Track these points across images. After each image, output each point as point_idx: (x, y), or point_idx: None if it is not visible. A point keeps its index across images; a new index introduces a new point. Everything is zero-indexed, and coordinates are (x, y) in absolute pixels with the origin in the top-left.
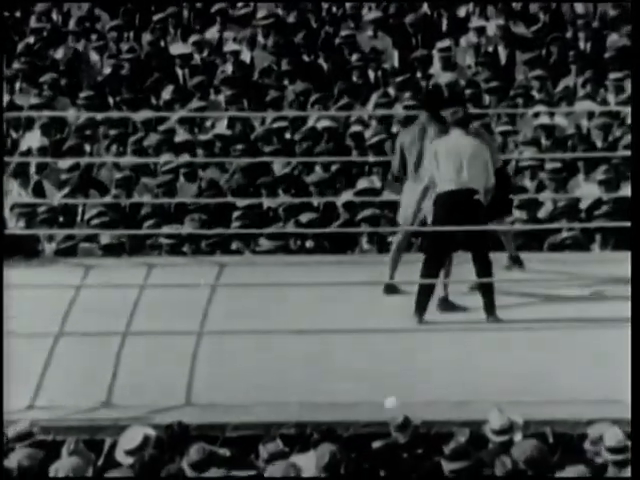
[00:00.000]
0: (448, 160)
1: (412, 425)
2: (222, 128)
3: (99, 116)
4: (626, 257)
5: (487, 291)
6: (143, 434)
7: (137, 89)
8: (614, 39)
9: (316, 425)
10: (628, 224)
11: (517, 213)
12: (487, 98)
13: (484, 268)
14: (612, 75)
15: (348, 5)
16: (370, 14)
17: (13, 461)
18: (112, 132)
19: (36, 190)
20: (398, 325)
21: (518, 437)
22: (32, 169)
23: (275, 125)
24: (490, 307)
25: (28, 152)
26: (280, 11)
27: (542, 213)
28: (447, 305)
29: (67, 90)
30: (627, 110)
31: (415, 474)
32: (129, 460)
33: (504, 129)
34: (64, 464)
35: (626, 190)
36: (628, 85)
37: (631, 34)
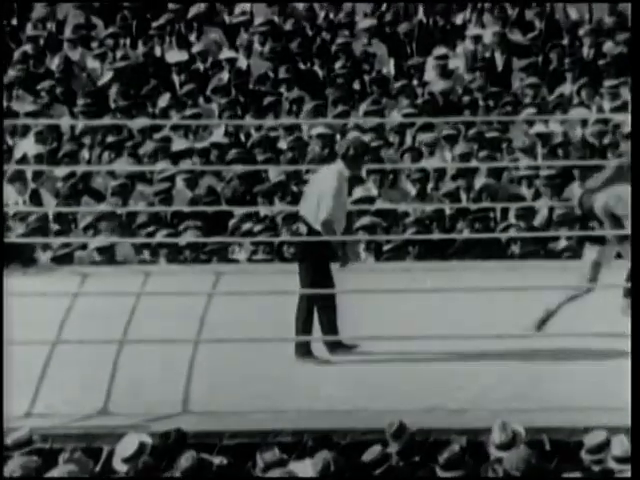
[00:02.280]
0: (306, 189)
1: (408, 432)
2: (219, 136)
3: (95, 124)
4: (623, 265)
5: (299, 319)
6: (139, 442)
7: (133, 96)
8: (610, 46)
9: (313, 433)
10: (627, 232)
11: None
12: (483, 105)
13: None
14: (607, 82)
15: (343, 13)
16: (365, 22)
17: (10, 469)
18: (108, 139)
19: (33, 198)
20: (396, 332)
21: (520, 447)
22: (29, 176)
23: (270, 133)
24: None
25: (23, 159)
26: (276, 18)
27: (538, 221)
28: None
29: (63, 97)
30: (622, 118)
31: None
32: (125, 468)
33: (494, 136)
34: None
35: None
36: (623, 92)
37: (631, 39)
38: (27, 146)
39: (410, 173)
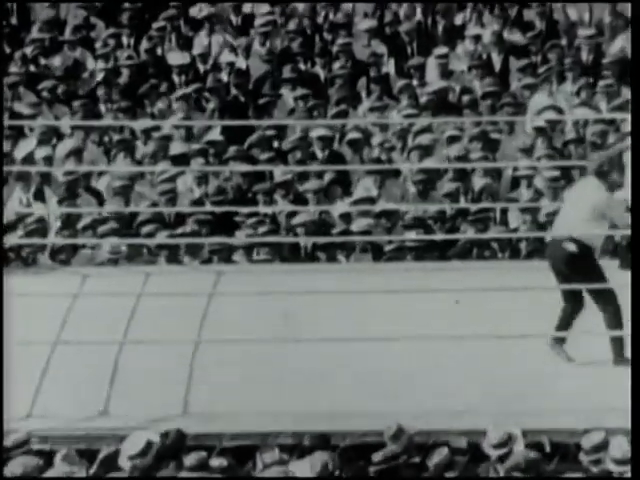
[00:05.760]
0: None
1: (406, 434)
2: (215, 134)
3: (95, 124)
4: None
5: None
6: (146, 440)
7: (133, 96)
8: (611, 47)
9: (312, 434)
10: (627, 232)
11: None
12: (482, 105)
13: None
14: (603, 82)
15: (342, 14)
16: (365, 23)
17: (10, 468)
18: (106, 139)
19: (37, 198)
20: (396, 334)
21: (519, 448)
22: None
23: (270, 132)
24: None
25: (29, 159)
26: (278, 19)
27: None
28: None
29: (64, 98)
30: (621, 117)
31: None
32: (129, 465)
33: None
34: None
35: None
36: (619, 92)
37: (631, 38)
38: (29, 147)
39: (412, 174)
